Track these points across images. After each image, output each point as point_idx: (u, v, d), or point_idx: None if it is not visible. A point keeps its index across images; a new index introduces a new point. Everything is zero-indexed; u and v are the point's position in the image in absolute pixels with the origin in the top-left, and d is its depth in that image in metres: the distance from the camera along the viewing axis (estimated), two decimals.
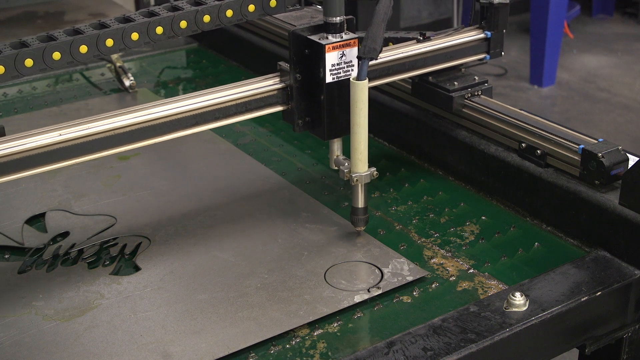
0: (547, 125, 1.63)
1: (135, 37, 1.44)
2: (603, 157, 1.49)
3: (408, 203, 1.72)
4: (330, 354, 1.29)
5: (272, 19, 2.16)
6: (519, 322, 1.28)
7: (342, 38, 1.49)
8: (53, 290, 1.45)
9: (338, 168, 1.57)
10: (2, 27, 2.84)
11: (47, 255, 1.55)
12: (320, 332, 1.34)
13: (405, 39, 1.75)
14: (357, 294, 1.41)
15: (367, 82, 1.43)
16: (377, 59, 1.46)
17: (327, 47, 1.47)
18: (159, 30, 1.46)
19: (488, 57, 1.82)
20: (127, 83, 2.27)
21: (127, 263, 1.53)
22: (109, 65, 2.34)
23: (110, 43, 1.43)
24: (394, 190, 1.77)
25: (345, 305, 1.39)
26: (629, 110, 5.34)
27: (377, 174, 1.53)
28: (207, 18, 1.51)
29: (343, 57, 1.50)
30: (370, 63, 1.46)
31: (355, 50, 1.50)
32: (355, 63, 1.51)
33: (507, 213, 1.67)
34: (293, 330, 1.34)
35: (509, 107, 1.72)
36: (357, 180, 1.51)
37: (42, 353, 1.30)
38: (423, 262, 1.52)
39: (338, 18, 1.49)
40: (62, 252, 1.56)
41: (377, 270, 1.48)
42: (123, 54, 2.41)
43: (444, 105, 1.77)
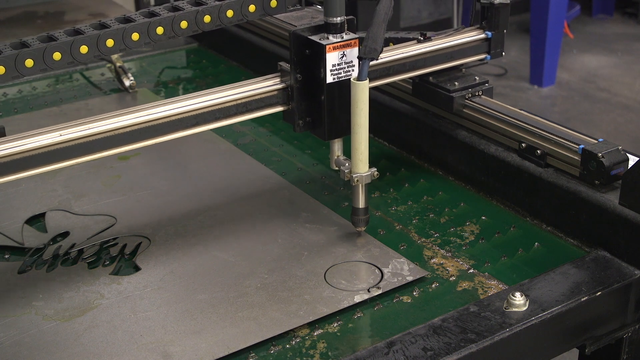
0: (547, 125, 1.63)
1: (136, 37, 1.45)
2: (603, 157, 1.49)
3: (408, 203, 1.72)
4: (330, 354, 1.29)
5: (272, 19, 2.16)
6: (519, 322, 1.28)
7: (342, 38, 1.49)
8: (53, 290, 1.45)
9: (339, 168, 1.57)
10: (2, 27, 2.84)
11: (47, 255, 1.55)
12: (320, 332, 1.34)
13: (406, 39, 1.76)
14: (357, 294, 1.41)
15: (367, 82, 1.43)
16: (377, 59, 1.46)
17: (327, 47, 1.47)
18: (160, 31, 1.47)
19: (489, 57, 1.82)
20: (127, 83, 2.27)
21: (127, 263, 1.53)
22: (109, 65, 2.34)
23: (111, 43, 1.43)
24: (394, 190, 1.77)
25: (345, 305, 1.39)
26: (629, 110, 5.34)
27: (377, 175, 1.53)
28: (207, 18, 1.51)
29: (344, 57, 1.50)
30: (371, 63, 1.46)
31: (356, 51, 1.50)
32: (356, 63, 1.51)
33: (507, 213, 1.67)
34: (293, 330, 1.34)
35: (509, 107, 1.72)
36: (357, 181, 1.51)
37: (42, 353, 1.30)
38: (423, 262, 1.52)
39: (339, 18, 1.49)
40: (62, 252, 1.56)
41: (377, 270, 1.48)
42: (123, 54, 2.41)
43: (445, 106, 1.77)
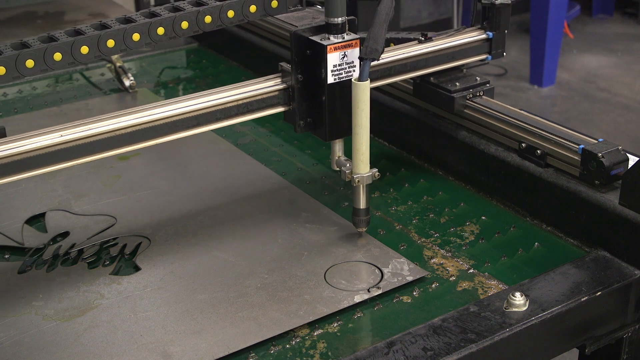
0: (547, 125, 1.63)
1: (137, 37, 1.44)
2: (603, 157, 1.49)
3: (408, 203, 1.72)
4: (330, 354, 1.29)
5: (273, 20, 2.16)
6: (519, 322, 1.29)
7: (343, 39, 1.49)
8: (53, 290, 1.45)
9: (339, 169, 1.57)
10: (2, 27, 2.84)
11: (47, 255, 1.55)
12: (320, 332, 1.34)
13: (407, 40, 1.76)
14: (357, 294, 1.41)
15: (368, 82, 1.43)
16: (378, 60, 1.46)
17: (328, 47, 1.47)
18: (160, 31, 1.47)
19: (490, 57, 1.82)
20: (127, 83, 2.27)
21: (127, 263, 1.53)
22: (109, 65, 2.34)
23: (112, 44, 1.43)
24: (394, 190, 1.77)
25: (345, 305, 1.39)
26: (629, 110, 5.34)
27: (378, 175, 1.53)
28: (208, 19, 1.51)
29: (345, 57, 1.50)
30: (372, 64, 1.46)
31: (357, 51, 1.50)
32: (357, 64, 1.51)
33: (507, 213, 1.67)
34: (293, 330, 1.34)
35: (509, 107, 1.72)
36: (358, 182, 1.51)
37: (42, 353, 1.30)
38: (423, 262, 1.52)
39: (340, 19, 1.49)
40: (62, 252, 1.56)
41: (377, 270, 1.48)
42: (123, 54, 2.41)
43: (446, 106, 1.77)
